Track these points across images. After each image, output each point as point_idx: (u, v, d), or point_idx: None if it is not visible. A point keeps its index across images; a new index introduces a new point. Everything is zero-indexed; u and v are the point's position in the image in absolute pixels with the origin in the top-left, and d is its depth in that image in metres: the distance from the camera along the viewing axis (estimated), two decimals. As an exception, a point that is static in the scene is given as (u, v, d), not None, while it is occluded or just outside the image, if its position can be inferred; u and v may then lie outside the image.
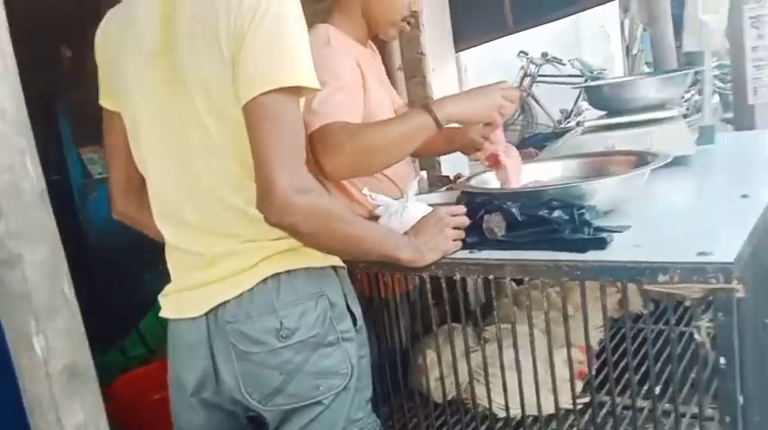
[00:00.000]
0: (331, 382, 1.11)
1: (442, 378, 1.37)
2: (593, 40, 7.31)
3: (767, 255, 1.24)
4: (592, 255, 1.08)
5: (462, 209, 1.26)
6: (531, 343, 1.19)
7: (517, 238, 1.20)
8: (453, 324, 1.32)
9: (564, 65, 6.98)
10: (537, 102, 7.13)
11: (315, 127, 1.34)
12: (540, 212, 1.20)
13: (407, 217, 1.29)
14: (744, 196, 1.26)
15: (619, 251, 1.09)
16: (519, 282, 1.42)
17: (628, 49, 7.47)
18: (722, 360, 0.99)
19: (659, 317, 1.60)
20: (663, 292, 1.02)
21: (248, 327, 1.07)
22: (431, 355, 1.37)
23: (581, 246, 1.11)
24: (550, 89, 6.93)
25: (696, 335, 1.00)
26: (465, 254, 1.21)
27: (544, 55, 6.99)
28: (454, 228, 1.22)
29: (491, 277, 1.16)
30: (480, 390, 1.33)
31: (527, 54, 7.01)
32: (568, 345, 1.17)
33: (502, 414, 1.31)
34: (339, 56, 1.48)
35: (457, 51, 2.79)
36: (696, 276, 0.96)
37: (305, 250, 1.09)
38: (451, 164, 2.91)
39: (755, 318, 1.15)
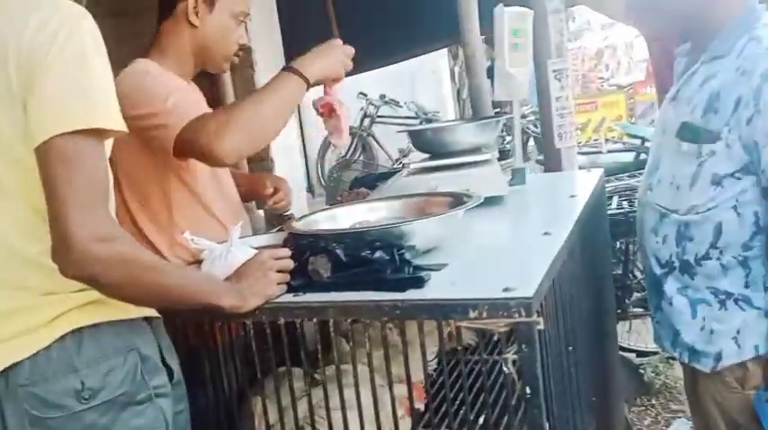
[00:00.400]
0: None
1: (282, 422, 1.33)
2: (427, 83, 7.73)
3: (567, 286, 1.36)
4: (410, 294, 1.12)
5: (286, 251, 1.25)
6: (371, 380, 1.19)
7: (342, 280, 1.21)
8: (287, 367, 1.29)
9: (401, 106, 7.31)
10: (377, 141, 7.38)
11: (178, 128, 1.33)
12: (363, 253, 1.23)
13: (232, 261, 1.25)
14: (546, 233, 1.38)
15: (435, 289, 1.14)
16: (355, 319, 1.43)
17: (458, 93, 8.00)
18: (528, 389, 1.06)
19: (494, 346, 1.69)
20: (477, 327, 1.08)
21: (44, 390, 0.98)
22: (263, 402, 1.33)
23: (400, 286, 1.15)
24: (390, 129, 7.21)
25: (504, 367, 1.06)
26: (289, 297, 1.19)
27: (382, 97, 7.27)
28: (279, 272, 1.21)
29: (314, 320, 1.15)
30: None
31: (366, 95, 7.24)
32: (408, 380, 1.18)
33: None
34: (161, 79, 1.48)
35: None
36: (501, 311, 1.03)
37: (112, 301, 1.02)
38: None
39: (558, 346, 1.26)
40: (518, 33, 1.74)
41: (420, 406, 1.43)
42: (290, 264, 1.22)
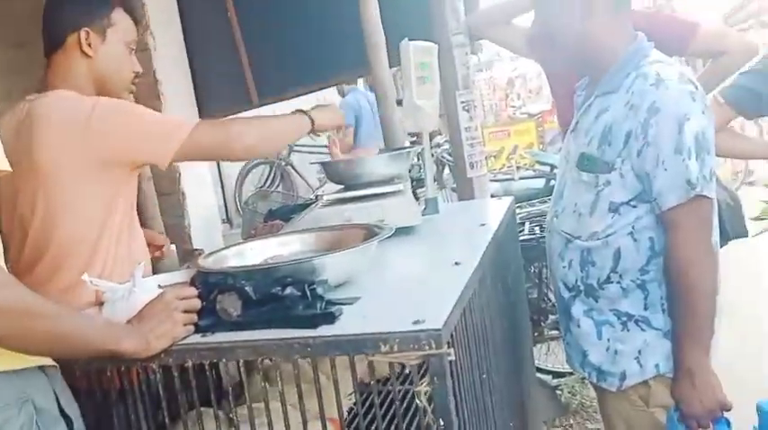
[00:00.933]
0: None
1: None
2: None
3: (479, 315, 1.38)
4: (322, 331, 1.11)
5: (192, 291, 1.21)
6: (285, 419, 1.16)
7: (252, 318, 1.18)
8: (203, 408, 1.24)
9: (319, 135, 7.29)
10: (296, 171, 7.33)
11: (187, 131, 1.48)
12: (274, 290, 1.21)
13: (135, 302, 1.20)
14: (456, 263, 1.40)
15: (347, 324, 1.13)
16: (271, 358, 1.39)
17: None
18: (441, 421, 1.06)
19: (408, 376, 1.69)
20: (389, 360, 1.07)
21: None
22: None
23: (312, 322, 1.13)
24: (308, 158, 7.18)
25: (417, 400, 1.06)
26: (197, 338, 1.16)
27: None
28: (185, 312, 1.17)
29: (223, 361, 1.12)
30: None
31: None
32: (323, 416, 1.16)
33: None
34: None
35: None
36: (412, 344, 1.03)
37: (1, 350, 0.96)
38: (203, 234, 2.82)
39: (472, 375, 1.27)
40: (425, 67, 1.78)
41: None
42: (197, 303, 1.19)
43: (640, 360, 1.48)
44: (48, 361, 1.05)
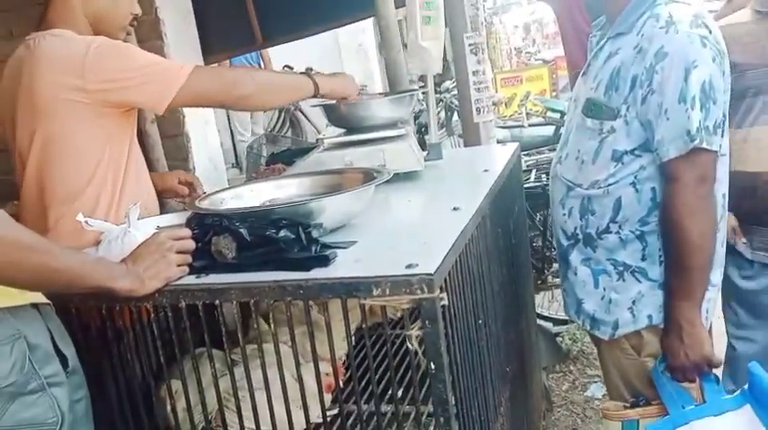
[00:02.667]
0: None
1: (189, 407, 1.30)
2: (354, 58, 7.65)
3: (476, 261, 1.38)
4: (315, 274, 1.11)
5: (186, 232, 1.21)
6: (279, 361, 1.18)
7: (246, 260, 1.19)
8: (201, 349, 1.26)
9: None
10: (305, 116, 7.25)
11: (185, 77, 1.44)
12: (268, 232, 1.21)
13: (129, 243, 1.21)
14: (455, 209, 1.39)
15: (341, 267, 1.13)
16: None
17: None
18: (432, 365, 1.07)
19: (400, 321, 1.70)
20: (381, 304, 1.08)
21: None
22: (176, 385, 1.29)
23: (306, 265, 1.13)
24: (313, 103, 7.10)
25: (408, 343, 1.06)
26: (191, 279, 1.16)
27: (309, 70, 7.13)
28: (179, 253, 1.17)
29: (217, 302, 1.13)
30: (231, 416, 1.29)
31: (292, 68, 7.09)
32: (332, 357, 1.17)
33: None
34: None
35: (206, 63, 2.72)
36: (404, 288, 1.03)
37: None
38: (207, 177, 2.82)
39: (466, 320, 1.28)
40: (430, 6, 1.73)
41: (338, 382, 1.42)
42: (191, 244, 1.19)
43: (634, 310, 1.48)
44: (42, 298, 1.06)
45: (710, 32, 1.37)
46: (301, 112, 7.25)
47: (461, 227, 1.26)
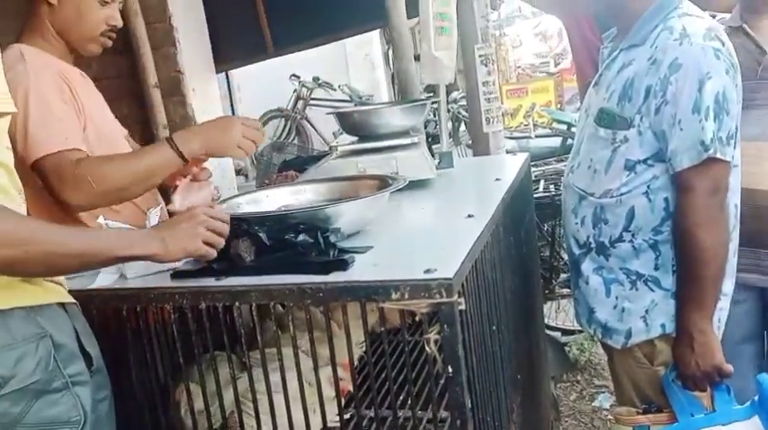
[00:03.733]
0: None
1: (207, 408, 1.31)
2: (361, 67, 7.70)
3: (490, 267, 1.39)
4: (334, 277, 1.12)
5: (225, 215, 1.19)
6: (297, 364, 1.18)
7: (265, 263, 1.20)
8: (217, 352, 1.27)
9: (335, 89, 7.25)
10: (311, 124, 7.30)
11: (42, 154, 1.30)
12: (287, 236, 1.22)
13: (149, 245, 1.21)
14: (469, 216, 1.40)
15: (359, 271, 1.14)
16: (284, 304, 1.42)
17: (393, 78, 8.01)
18: (449, 368, 1.08)
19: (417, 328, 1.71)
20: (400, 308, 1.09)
21: None
22: (193, 387, 1.30)
23: (324, 269, 1.14)
24: (325, 111, 7.15)
25: (426, 348, 1.08)
26: (211, 281, 1.17)
27: (315, 79, 7.19)
28: (211, 231, 1.16)
29: (237, 304, 1.14)
30: (247, 419, 1.30)
31: (299, 77, 7.15)
32: (350, 360, 1.18)
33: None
34: (38, 71, 1.42)
35: (218, 71, 2.75)
36: (423, 292, 1.04)
37: (21, 285, 0.98)
38: (216, 183, 2.84)
39: (481, 326, 1.29)
40: (444, 17, 1.75)
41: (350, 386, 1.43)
42: (225, 227, 1.18)
43: (647, 319, 1.49)
44: (68, 298, 1.08)
45: (723, 45, 1.39)
46: (307, 121, 7.30)
47: (477, 233, 1.27)
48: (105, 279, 1.23)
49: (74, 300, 1.09)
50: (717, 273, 1.39)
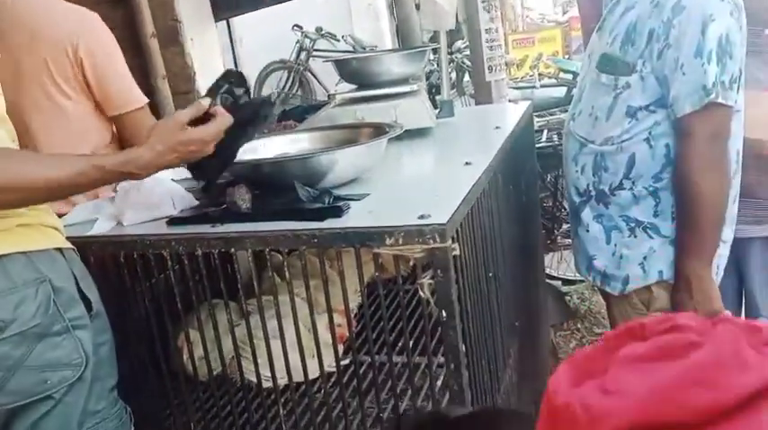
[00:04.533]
0: (61, 374, 1.03)
1: (206, 354, 1.33)
2: (364, 18, 7.55)
3: (488, 215, 1.39)
4: (329, 224, 1.12)
5: (206, 134, 1.10)
6: (293, 311, 1.20)
7: (260, 210, 1.20)
8: (215, 300, 1.29)
9: (338, 40, 7.13)
10: (314, 76, 7.21)
11: None
12: (282, 184, 1.22)
13: (145, 192, 1.22)
14: (467, 163, 1.39)
15: (354, 218, 1.14)
16: (282, 254, 1.43)
17: (397, 29, 7.85)
18: (443, 313, 1.09)
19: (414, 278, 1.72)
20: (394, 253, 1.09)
21: None
22: (193, 333, 1.33)
23: (319, 216, 1.15)
24: (329, 64, 7.04)
25: (420, 292, 1.08)
26: (206, 228, 1.18)
27: (318, 30, 7.07)
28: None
29: (232, 250, 1.14)
30: (246, 364, 1.32)
31: (302, 28, 7.03)
32: (345, 308, 1.19)
33: (268, 384, 1.31)
34: None
35: (217, 20, 2.70)
36: (417, 238, 1.04)
37: (19, 231, 0.99)
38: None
39: (477, 272, 1.29)
40: (444, -40, 1.71)
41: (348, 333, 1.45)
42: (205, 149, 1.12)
43: (644, 265, 1.49)
44: (66, 243, 1.09)
45: None
46: (310, 73, 7.20)
47: (473, 180, 1.26)
48: (103, 226, 1.24)
49: (71, 246, 1.10)
50: (716, 219, 1.39)
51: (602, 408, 0.43)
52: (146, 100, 1.63)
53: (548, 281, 2.96)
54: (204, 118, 1.12)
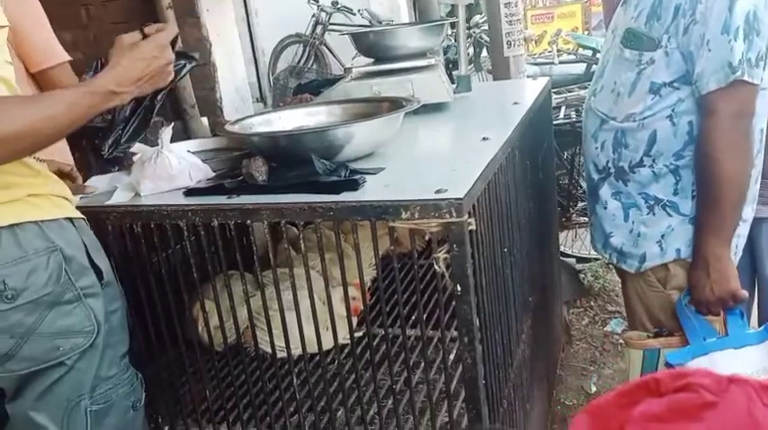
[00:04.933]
0: (73, 342, 1.04)
1: (222, 324, 1.34)
2: (381, -9, 7.46)
3: (504, 190, 1.38)
4: (345, 197, 1.12)
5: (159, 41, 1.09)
6: (309, 283, 1.20)
7: (277, 183, 1.20)
8: (231, 271, 1.30)
9: (354, 14, 7.06)
10: (330, 50, 7.16)
11: None
12: (299, 157, 1.22)
13: (161, 164, 1.23)
14: (484, 139, 1.38)
15: (370, 192, 1.14)
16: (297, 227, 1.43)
17: (414, 3, 7.75)
18: (458, 286, 1.09)
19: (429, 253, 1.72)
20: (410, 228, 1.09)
21: None
22: (208, 305, 1.34)
23: (335, 188, 1.15)
24: (344, 38, 6.98)
25: (435, 266, 1.08)
26: (223, 199, 1.18)
27: (334, 3, 7.00)
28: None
29: (248, 222, 1.15)
30: (261, 334, 1.33)
31: (317, 1, 6.97)
32: (360, 280, 1.19)
33: (282, 355, 1.32)
34: None
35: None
36: (433, 212, 1.04)
37: (30, 200, 1.00)
38: (234, 108, 2.82)
39: (492, 247, 1.29)
40: (464, -68, 1.68)
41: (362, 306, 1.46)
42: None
43: (662, 244, 1.48)
44: (76, 213, 1.09)
45: None
46: (326, 47, 7.16)
47: (491, 156, 1.25)
48: (121, 196, 1.25)
49: (81, 216, 1.11)
50: (737, 198, 1.37)
51: None
52: (69, 57, 1.59)
53: (562, 258, 2.95)
54: None
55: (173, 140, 1.34)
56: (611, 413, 0.47)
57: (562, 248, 3.09)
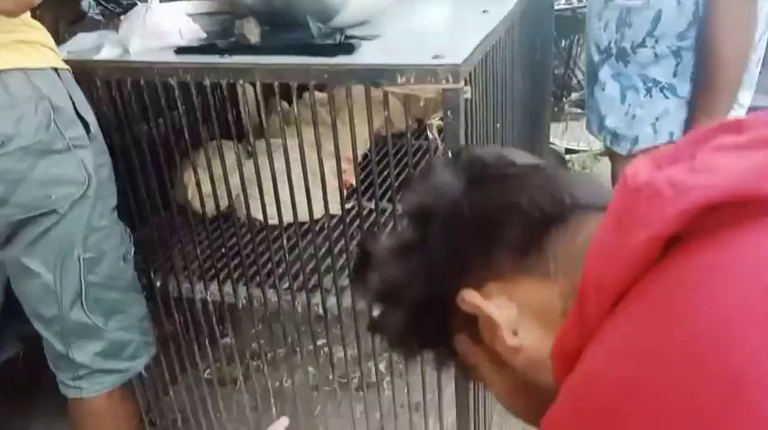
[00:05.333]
0: (65, 191, 1.05)
1: (214, 191, 1.34)
2: None
3: (501, 64, 1.36)
4: (340, 59, 1.09)
5: None
6: (301, 148, 1.19)
7: (270, 44, 1.17)
8: (223, 140, 1.28)
9: None
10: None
11: None
12: (293, 18, 1.18)
13: (150, 20, 1.18)
14: (484, 11, 1.34)
15: (365, 56, 1.11)
16: (289, 101, 1.40)
17: None
18: (450, 155, 1.09)
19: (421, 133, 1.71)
20: (404, 94, 1.07)
21: None
22: (200, 170, 1.33)
23: (330, 51, 1.12)
24: None
25: (428, 133, 1.08)
26: (215, 58, 1.15)
27: None
28: None
29: (240, 81, 1.13)
30: (253, 201, 1.34)
31: None
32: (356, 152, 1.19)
33: (273, 221, 1.34)
34: None
35: None
36: (429, 77, 1.02)
37: (18, 47, 0.97)
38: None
39: (485, 120, 1.28)
40: None
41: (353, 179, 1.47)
42: None
43: (656, 125, 1.48)
44: (61, 64, 1.07)
45: None
46: None
47: (491, 27, 1.22)
48: (109, 52, 1.21)
49: (67, 67, 1.08)
50: (733, 79, 1.36)
51: (691, 181, 0.37)
52: None
53: (552, 146, 2.97)
54: None
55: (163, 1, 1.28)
56: (682, 149, 0.43)
57: (553, 139, 3.10)
